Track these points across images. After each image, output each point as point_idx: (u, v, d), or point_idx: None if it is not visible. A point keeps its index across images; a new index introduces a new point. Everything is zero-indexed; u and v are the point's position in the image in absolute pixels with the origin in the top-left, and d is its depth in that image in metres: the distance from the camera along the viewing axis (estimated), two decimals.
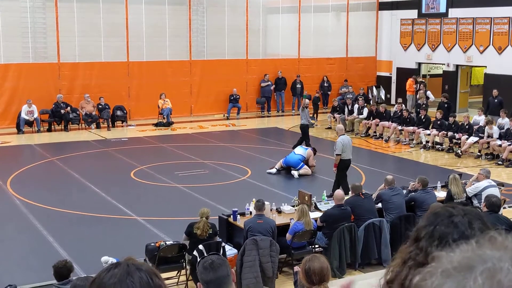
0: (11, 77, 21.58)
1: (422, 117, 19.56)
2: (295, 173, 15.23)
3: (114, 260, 7.42)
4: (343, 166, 12.75)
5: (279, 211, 10.37)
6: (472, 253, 0.90)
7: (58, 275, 6.71)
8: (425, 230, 1.66)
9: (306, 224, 9.32)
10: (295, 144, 17.06)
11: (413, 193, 10.75)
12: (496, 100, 20.36)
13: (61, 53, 22.17)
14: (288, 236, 9.40)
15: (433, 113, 19.88)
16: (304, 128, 17.52)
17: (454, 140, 18.39)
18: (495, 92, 20.52)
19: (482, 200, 9.35)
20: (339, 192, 9.93)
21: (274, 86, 25.48)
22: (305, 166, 15.42)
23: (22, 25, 21.69)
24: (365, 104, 22.12)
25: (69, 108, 21.36)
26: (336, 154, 12.71)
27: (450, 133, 18.48)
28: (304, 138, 17.56)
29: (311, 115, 21.57)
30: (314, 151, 16.10)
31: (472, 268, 0.86)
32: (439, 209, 1.75)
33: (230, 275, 3.44)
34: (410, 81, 25.18)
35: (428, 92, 22.76)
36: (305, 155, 15.62)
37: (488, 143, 17.58)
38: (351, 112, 22.04)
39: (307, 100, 18.71)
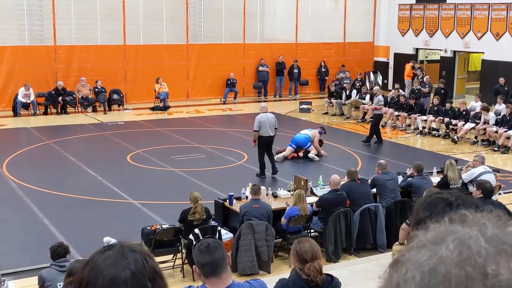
0: (7, 59, 21.48)
1: (413, 104, 19.55)
2: (312, 155, 15.29)
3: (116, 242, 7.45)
4: (261, 142, 13.30)
5: (275, 196, 10.39)
6: (445, 228, 0.97)
7: (55, 254, 6.74)
8: (429, 219, 1.67)
9: (302, 210, 9.33)
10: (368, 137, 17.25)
11: (410, 179, 10.78)
12: (506, 88, 20.32)
13: (58, 36, 22.06)
14: (283, 220, 9.42)
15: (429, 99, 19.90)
16: (374, 118, 17.27)
17: (451, 126, 18.41)
18: (501, 80, 20.41)
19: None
20: (336, 176, 9.94)
21: (269, 70, 25.43)
22: (312, 146, 15.55)
23: (18, 7, 21.54)
24: (368, 90, 22.10)
25: (60, 98, 21.17)
26: (254, 130, 13.40)
27: (446, 119, 18.49)
28: (372, 128, 17.32)
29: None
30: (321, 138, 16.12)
31: (443, 239, 0.93)
32: (437, 197, 1.76)
33: (226, 258, 3.46)
34: (408, 66, 25.09)
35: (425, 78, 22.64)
36: (311, 135, 15.73)
37: (485, 129, 17.61)
38: (348, 97, 22.02)
39: (377, 87, 18.13)
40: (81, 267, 1.48)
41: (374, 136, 17.30)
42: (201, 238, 8.28)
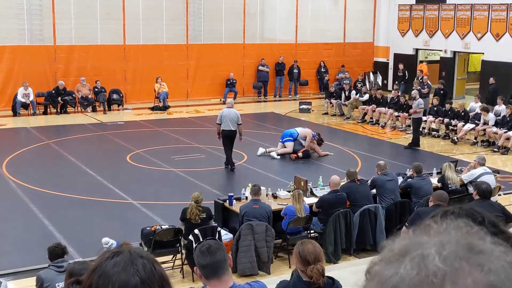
0: (6, 59, 21.46)
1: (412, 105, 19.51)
2: (274, 154, 15.52)
3: (114, 243, 7.45)
4: (223, 135, 14.08)
5: (275, 196, 10.38)
6: (409, 240, 1.02)
7: (52, 255, 6.74)
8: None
9: (297, 211, 9.33)
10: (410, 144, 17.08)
11: (409, 180, 10.77)
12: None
13: (57, 36, 22.04)
14: (283, 214, 9.48)
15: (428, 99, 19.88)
16: (414, 121, 17.20)
17: (450, 127, 18.42)
18: (491, 80, 20.57)
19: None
20: (335, 177, 9.94)
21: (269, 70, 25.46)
22: (289, 144, 15.68)
23: (18, 6, 21.53)
24: (368, 90, 22.11)
25: (60, 98, 21.18)
26: (216, 123, 14.19)
27: (446, 120, 18.50)
28: (414, 133, 17.19)
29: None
30: (320, 140, 16.13)
31: (406, 254, 0.98)
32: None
33: (227, 260, 3.45)
34: (424, 66, 25.13)
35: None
36: (300, 132, 15.76)
37: (484, 130, 17.61)
38: (348, 97, 22.01)
39: (415, 91, 17.96)
40: (88, 272, 1.45)
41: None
42: (201, 239, 8.29)
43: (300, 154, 15.54)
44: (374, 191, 10.37)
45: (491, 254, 0.95)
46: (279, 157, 15.54)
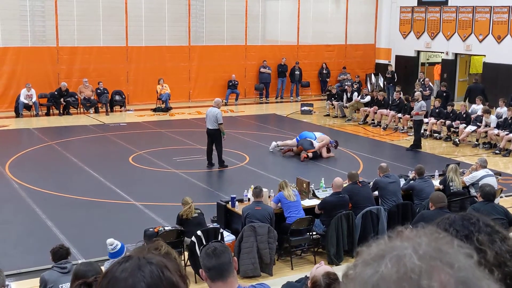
0: (9, 60, 21.51)
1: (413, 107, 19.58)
2: (272, 146, 16.20)
3: (119, 244, 7.51)
4: (206, 133, 14.66)
5: None
6: (385, 245, 1.12)
7: (56, 256, 6.78)
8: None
9: (288, 197, 9.49)
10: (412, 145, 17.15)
11: (411, 182, 10.80)
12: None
13: (60, 37, 22.08)
14: (273, 204, 9.62)
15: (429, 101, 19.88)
16: (415, 123, 17.20)
17: (452, 129, 18.43)
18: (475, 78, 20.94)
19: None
20: (338, 179, 9.97)
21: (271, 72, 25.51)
22: (294, 140, 16.22)
23: (21, 8, 21.57)
24: (369, 92, 22.17)
25: (62, 99, 21.22)
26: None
27: (448, 122, 18.51)
28: (415, 134, 17.19)
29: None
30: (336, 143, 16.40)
31: (384, 256, 1.08)
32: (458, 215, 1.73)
33: (232, 262, 3.49)
34: (438, 66, 25.16)
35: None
36: (318, 138, 15.93)
37: (486, 132, 17.62)
38: (349, 99, 22.03)
39: (418, 92, 17.88)
40: (101, 277, 1.50)
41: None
42: (203, 240, 8.33)
43: (310, 154, 15.57)
44: (376, 193, 10.40)
45: (457, 255, 1.07)
46: (277, 148, 16.19)
